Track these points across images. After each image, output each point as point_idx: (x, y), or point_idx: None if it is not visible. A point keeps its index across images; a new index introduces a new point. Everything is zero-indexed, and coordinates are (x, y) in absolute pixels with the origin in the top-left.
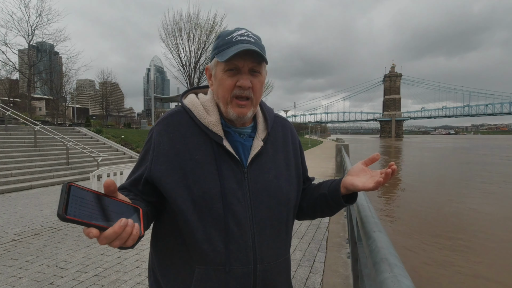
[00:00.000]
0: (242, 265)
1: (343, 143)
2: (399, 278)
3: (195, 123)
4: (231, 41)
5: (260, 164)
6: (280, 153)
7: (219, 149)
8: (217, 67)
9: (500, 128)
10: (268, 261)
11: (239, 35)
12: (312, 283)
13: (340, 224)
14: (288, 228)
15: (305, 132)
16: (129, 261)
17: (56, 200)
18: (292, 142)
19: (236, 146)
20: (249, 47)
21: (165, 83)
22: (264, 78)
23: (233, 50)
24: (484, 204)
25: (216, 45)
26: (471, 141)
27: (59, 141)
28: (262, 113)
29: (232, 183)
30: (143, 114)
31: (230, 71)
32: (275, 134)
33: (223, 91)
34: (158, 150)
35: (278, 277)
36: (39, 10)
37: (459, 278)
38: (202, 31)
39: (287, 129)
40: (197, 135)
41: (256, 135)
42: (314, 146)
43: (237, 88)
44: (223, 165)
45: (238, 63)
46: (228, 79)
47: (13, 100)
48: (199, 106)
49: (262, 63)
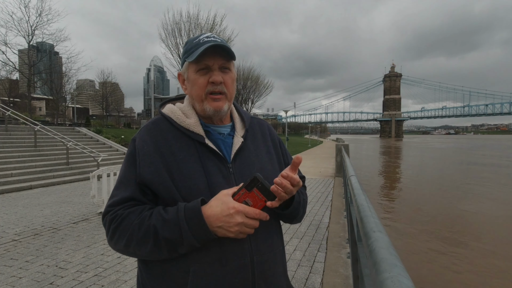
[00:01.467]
0: (238, 257)
1: (343, 143)
2: (399, 278)
3: (175, 127)
4: (198, 43)
5: (243, 159)
6: (261, 147)
7: (202, 148)
8: (188, 69)
9: (500, 128)
10: (264, 251)
11: (205, 37)
12: (312, 283)
13: (340, 224)
14: (277, 219)
15: (305, 132)
16: (129, 261)
17: (56, 200)
18: (272, 139)
19: (218, 144)
20: (216, 43)
21: (165, 83)
22: (234, 75)
23: (201, 49)
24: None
25: (185, 50)
26: (473, 141)
27: (59, 141)
28: (238, 114)
29: (218, 178)
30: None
31: (201, 71)
32: (253, 131)
33: (197, 89)
34: (143, 153)
35: (276, 269)
36: (39, 10)
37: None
38: (202, 31)
39: (264, 127)
40: (179, 138)
41: (235, 133)
42: (314, 146)
43: (210, 84)
44: (207, 162)
45: (208, 62)
46: (200, 77)
47: (13, 100)
48: (178, 112)
49: (231, 61)
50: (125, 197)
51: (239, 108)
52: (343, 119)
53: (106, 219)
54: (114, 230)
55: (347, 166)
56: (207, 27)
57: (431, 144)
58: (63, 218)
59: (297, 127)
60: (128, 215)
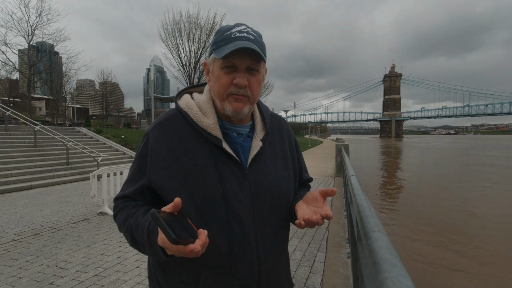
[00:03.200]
0: (247, 266)
1: (343, 143)
2: (399, 278)
3: (192, 126)
4: (229, 37)
5: (260, 165)
6: (278, 152)
7: (218, 152)
8: (214, 63)
9: (500, 128)
10: (271, 260)
11: (238, 31)
12: (312, 283)
13: (340, 224)
14: (288, 225)
15: (305, 132)
16: (129, 261)
17: (56, 200)
18: (289, 141)
19: (236, 148)
20: (247, 44)
21: (165, 83)
22: (262, 77)
23: (230, 47)
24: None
25: (214, 40)
26: (474, 141)
27: (59, 141)
28: (260, 113)
29: (233, 186)
30: (143, 114)
31: (227, 69)
32: (272, 133)
33: (219, 88)
34: (156, 156)
35: (280, 273)
36: (39, 10)
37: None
38: (202, 31)
39: (283, 128)
40: (195, 138)
41: (255, 135)
42: (314, 146)
43: (234, 86)
44: (223, 167)
45: (235, 61)
46: (224, 76)
47: (13, 100)
48: (195, 109)
49: (261, 62)
50: (126, 195)
51: (261, 107)
52: (343, 119)
53: (114, 209)
54: (114, 218)
55: (347, 166)
56: (207, 27)
57: (432, 144)
58: (63, 218)
59: (297, 127)
60: (122, 208)
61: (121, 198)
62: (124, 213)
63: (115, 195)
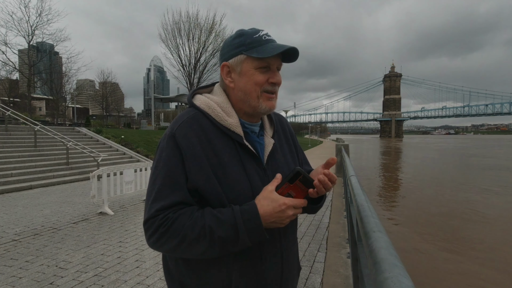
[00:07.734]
0: (273, 255)
1: (343, 143)
2: (399, 278)
3: (215, 125)
4: (261, 39)
5: (275, 161)
6: (285, 148)
7: (242, 150)
8: (244, 63)
9: (500, 128)
10: (289, 247)
11: (265, 34)
12: (312, 283)
13: (340, 224)
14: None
15: (305, 132)
16: (129, 261)
17: (56, 200)
18: (291, 137)
19: (255, 146)
20: (290, 47)
21: (165, 83)
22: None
23: (274, 48)
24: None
25: (242, 42)
26: (475, 141)
27: (59, 141)
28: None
29: (257, 181)
30: (143, 114)
31: (262, 69)
32: (277, 130)
33: (253, 85)
34: (190, 155)
35: (294, 258)
36: (39, 10)
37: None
38: (201, 31)
39: (284, 123)
40: (220, 137)
41: (265, 133)
42: (314, 146)
43: (269, 84)
44: (247, 164)
45: (271, 61)
46: (260, 75)
47: (13, 100)
48: (217, 108)
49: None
50: (176, 202)
51: None
52: (343, 119)
53: (153, 223)
54: (164, 233)
55: (347, 166)
56: (207, 27)
57: (433, 144)
58: (63, 218)
59: (297, 127)
60: (178, 217)
61: (170, 207)
62: (188, 220)
63: (115, 195)
